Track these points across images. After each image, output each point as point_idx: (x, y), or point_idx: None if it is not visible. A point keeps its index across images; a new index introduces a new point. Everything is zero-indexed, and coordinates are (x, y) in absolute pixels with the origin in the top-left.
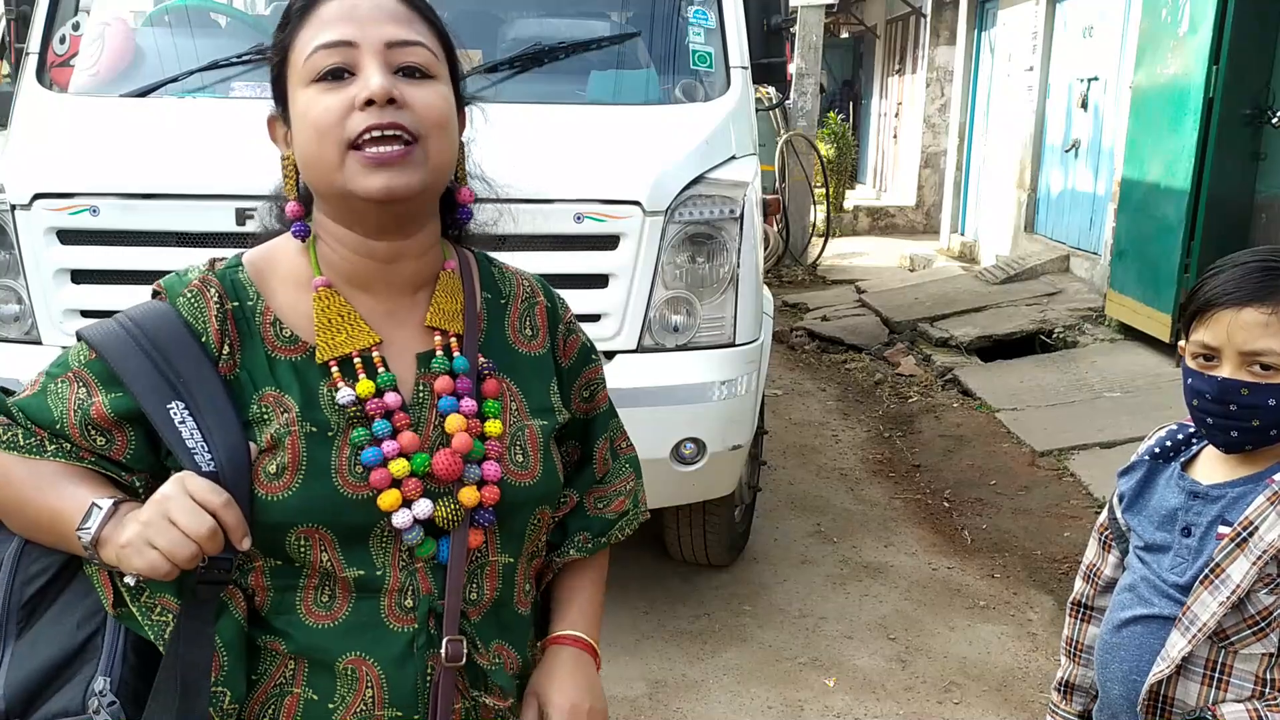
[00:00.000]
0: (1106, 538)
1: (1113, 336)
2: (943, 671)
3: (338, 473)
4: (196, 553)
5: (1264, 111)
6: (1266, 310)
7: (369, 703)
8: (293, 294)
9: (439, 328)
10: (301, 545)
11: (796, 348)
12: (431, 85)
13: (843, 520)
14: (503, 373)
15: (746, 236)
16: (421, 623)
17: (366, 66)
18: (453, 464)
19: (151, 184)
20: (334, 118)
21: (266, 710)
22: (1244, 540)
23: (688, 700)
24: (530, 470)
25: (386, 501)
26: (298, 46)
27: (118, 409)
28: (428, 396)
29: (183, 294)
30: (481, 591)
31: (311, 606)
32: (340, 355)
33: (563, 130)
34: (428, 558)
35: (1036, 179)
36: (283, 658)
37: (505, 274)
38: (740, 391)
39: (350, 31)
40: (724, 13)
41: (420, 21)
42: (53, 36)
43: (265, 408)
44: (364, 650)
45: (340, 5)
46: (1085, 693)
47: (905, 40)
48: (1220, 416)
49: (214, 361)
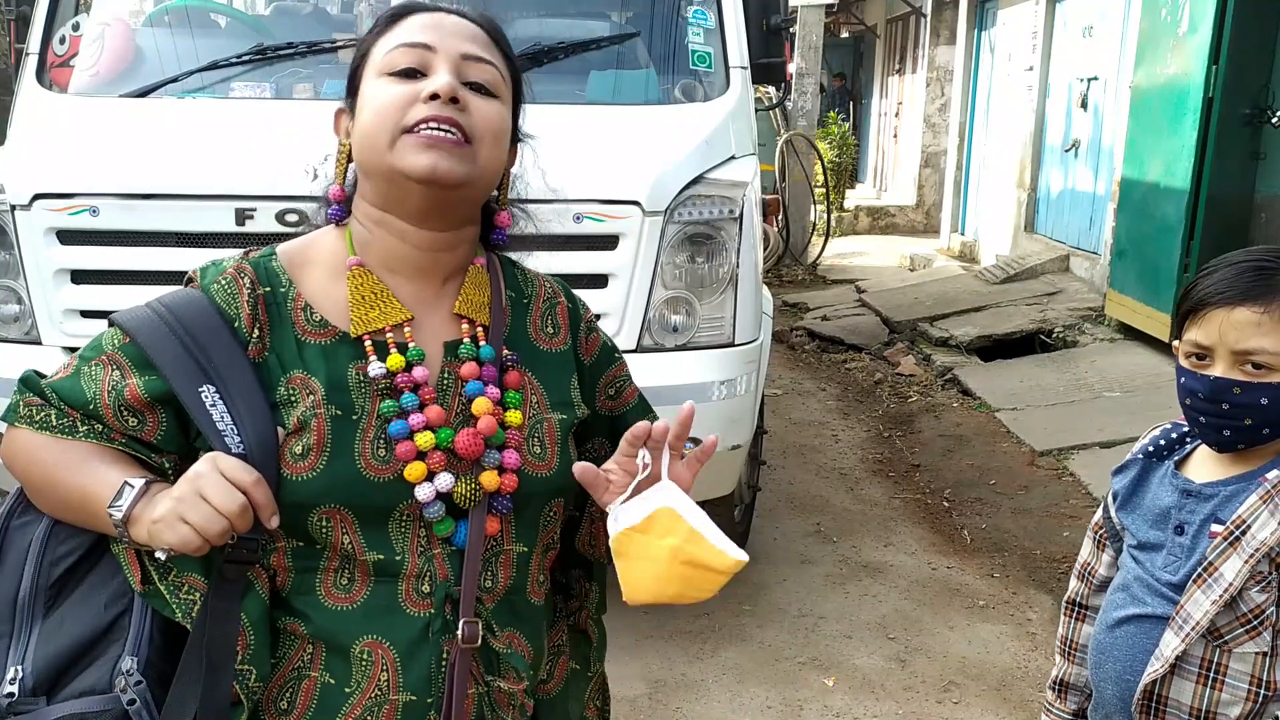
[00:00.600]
0: (1101, 536)
1: (1112, 336)
2: (942, 671)
3: (361, 455)
4: (227, 528)
5: (1263, 111)
6: (1259, 309)
7: (384, 687)
8: (325, 280)
9: (467, 316)
10: (323, 526)
11: (797, 347)
12: (494, 102)
13: (842, 520)
14: (524, 366)
15: (746, 236)
16: (438, 608)
17: (439, 69)
18: (475, 443)
19: (151, 184)
20: (399, 102)
21: (285, 693)
22: (1236, 538)
23: (687, 700)
24: (548, 462)
25: (412, 473)
26: (380, 44)
27: (152, 391)
28: (453, 382)
29: (217, 281)
30: (496, 579)
31: (331, 589)
32: (374, 330)
33: (562, 130)
34: (445, 539)
35: (1036, 178)
36: (301, 640)
37: (528, 276)
38: (740, 391)
39: (431, 37)
40: (723, 13)
41: (497, 50)
42: (53, 37)
43: (293, 390)
44: (380, 634)
45: (429, 17)
46: (1080, 691)
47: (905, 40)
48: (1213, 415)
49: (244, 346)
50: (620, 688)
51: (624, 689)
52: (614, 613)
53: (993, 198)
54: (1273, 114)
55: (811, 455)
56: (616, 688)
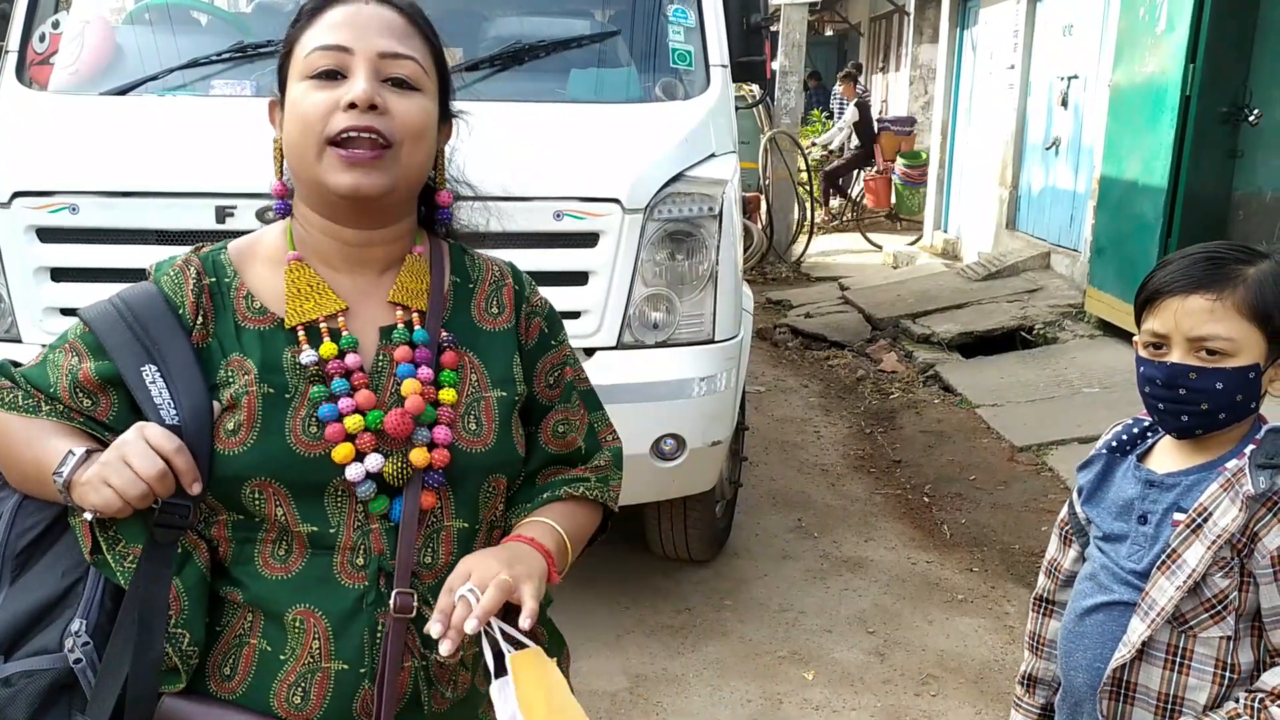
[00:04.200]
0: (1067, 533)
1: (1092, 333)
2: (921, 664)
3: (291, 431)
4: (147, 492)
5: (1240, 109)
6: (1211, 296)
7: (316, 654)
8: (267, 271)
9: (402, 303)
10: (256, 498)
11: (780, 344)
12: (415, 97)
13: (823, 515)
14: (465, 347)
15: (726, 234)
16: (372, 580)
17: (356, 72)
18: (403, 422)
19: (131, 182)
20: (319, 113)
21: (228, 660)
22: (1198, 526)
23: (668, 694)
24: (483, 439)
25: (340, 454)
26: (302, 42)
27: (102, 374)
28: (387, 365)
29: (167, 273)
30: (437, 555)
31: (269, 559)
32: (307, 320)
33: (543, 128)
34: (380, 515)
35: (1018, 176)
36: (241, 609)
37: (477, 261)
38: (720, 388)
39: (348, 38)
40: (704, 11)
41: (417, 37)
42: (32, 34)
43: (230, 371)
44: (313, 603)
45: (345, 11)
46: (1048, 685)
47: (889, 38)
48: (1170, 401)
49: (188, 331)
50: (601, 682)
51: (605, 683)
52: (595, 608)
53: (975, 195)
54: (1249, 112)
55: (793, 451)
56: (597, 682)
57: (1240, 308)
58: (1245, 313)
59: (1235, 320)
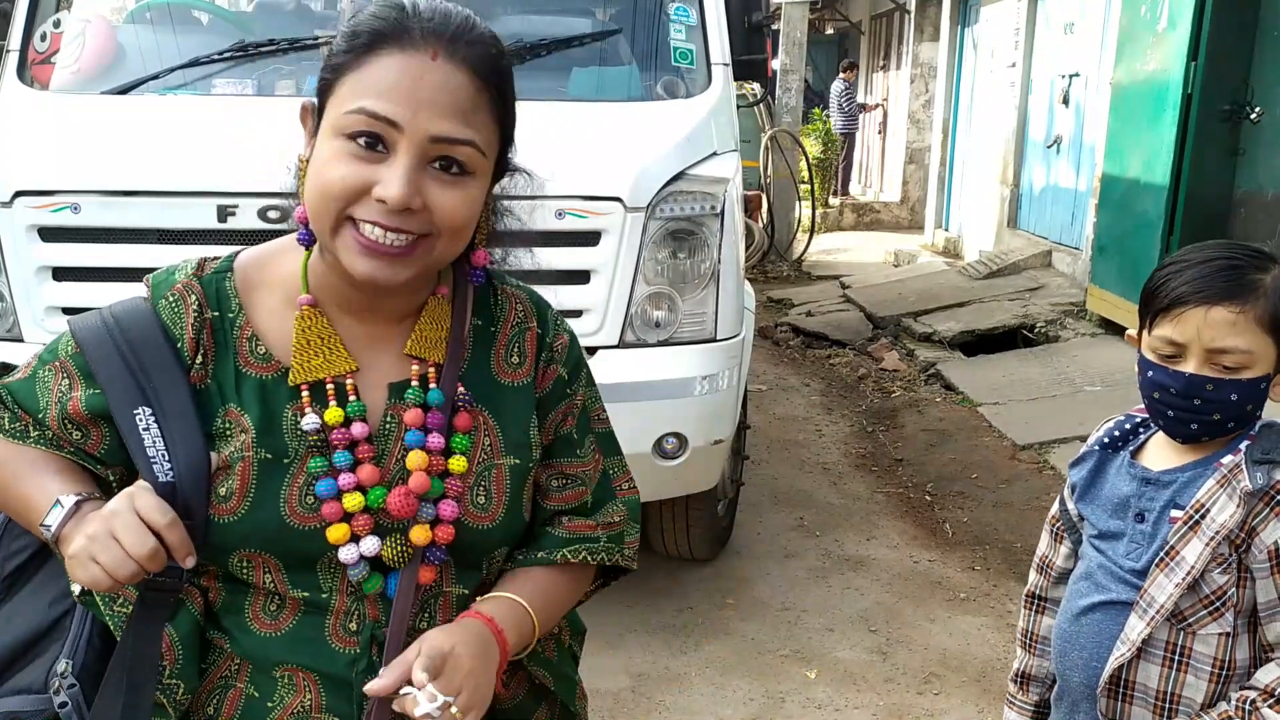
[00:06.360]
0: (1058, 529)
1: (1094, 331)
2: (923, 663)
3: (286, 503)
4: (137, 571)
5: (1242, 107)
6: (1235, 309)
7: (306, 706)
8: (277, 307)
9: (418, 356)
10: (244, 567)
11: (781, 343)
12: (464, 185)
13: (825, 514)
14: (481, 404)
15: (727, 232)
16: (364, 647)
17: (399, 155)
18: (407, 503)
19: (133, 181)
20: (346, 190)
21: (212, 699)
22: (1196, 522)
23: (670, 693)
24: (491, 513)
25: (335, 535)
26: (347, 83)
27: (92, 407)
28: (395, 427)
29: (165, 297)
30: (433, 620)
31: (259, 613)
32: (314, 380)
33: (544, 126)
34: (375, 594)
35: (1019, 174)
36: (227, 655)
37: (500, 298)
38: (722, 386)
39: (399, 113)
40: (705, 9)
41: (484, 108)
42: (34, 34)
43: (228, 424)
44: (302, 663)
45: (406, 67)
46: (1041, 683)
47: (890, 36)
48: (1184, 410)
49: (186, 369)
50: (603, 681)
51: (606, 682)
52: (597, 607)
53: (976, 193)
54: (1251, 110)
55: (795, 450)
56: (599, 681)
57: (1261, 320)
58: (1265, 325)
59: (1255, 333)
